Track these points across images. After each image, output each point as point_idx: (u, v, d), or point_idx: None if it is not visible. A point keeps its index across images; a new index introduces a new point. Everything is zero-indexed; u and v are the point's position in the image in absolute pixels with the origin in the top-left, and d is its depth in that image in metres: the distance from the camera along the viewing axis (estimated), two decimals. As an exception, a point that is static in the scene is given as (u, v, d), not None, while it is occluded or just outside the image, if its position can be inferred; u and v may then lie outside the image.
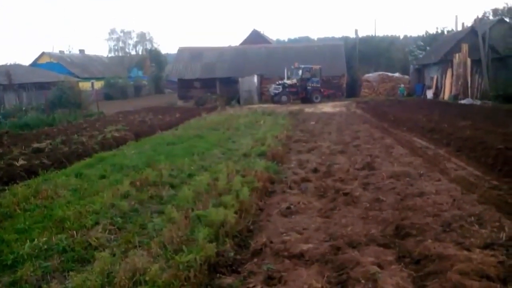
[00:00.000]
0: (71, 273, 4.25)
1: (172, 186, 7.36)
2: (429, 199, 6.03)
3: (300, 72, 29.65)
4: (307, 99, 29.45)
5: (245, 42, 48.53)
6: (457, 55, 26.32)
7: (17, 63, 41.55)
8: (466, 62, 25.68)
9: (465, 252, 4.21)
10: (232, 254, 4.55)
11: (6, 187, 7.74)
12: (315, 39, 63.43)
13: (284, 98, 28.68)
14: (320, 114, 21.47)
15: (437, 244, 4.43)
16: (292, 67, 30.63)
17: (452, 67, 27.03)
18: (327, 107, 25.65)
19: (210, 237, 4.68)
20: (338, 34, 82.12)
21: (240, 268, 4.34)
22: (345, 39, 50.15)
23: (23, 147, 12.06)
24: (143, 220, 5.65)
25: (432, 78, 31.15)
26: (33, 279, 4.19)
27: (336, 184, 7.16)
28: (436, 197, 6.14)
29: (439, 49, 31.87)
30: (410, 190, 6.61)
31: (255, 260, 4.46)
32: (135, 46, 63.42)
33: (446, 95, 27.53)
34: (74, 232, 5.24)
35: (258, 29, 54.07)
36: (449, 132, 11.71)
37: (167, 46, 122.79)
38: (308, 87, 29.60)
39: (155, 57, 58.25)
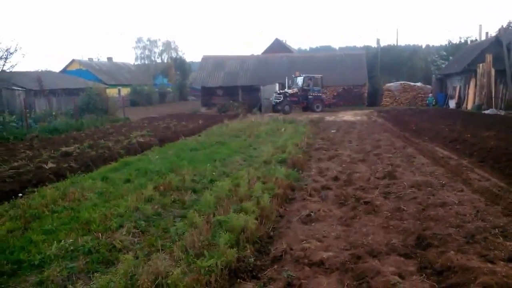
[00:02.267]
0: (95, 274, 4.33)
1: (194, 191, 7.47)
2: (451, 210, 5.96)
3: (301, 81, 29.29)
4: (308, 108, 29.14)
5: (268, 51, 48.79)
6: (481, 65, 25.87)
7: (48, 69, 43.14)
8: (490, 72, 25.21)
9: (489, 265, 4.14)
10: (252, 260, 4.58)
11: (36, 189, 7.97)
12: (337, 48, 63.28)
13: (286, 107, 28.14)
14: (341, 122, 21.38)
15: (460, 255, 4.36)
16: (293, 76, 30.38)
17: (475, 77, 26.57)
18: (348, 116, 25.50)
19: (231, 243, 4.73)
20: (359, 44, 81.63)
21: (260, 274, 4.37)
22: (367, 48, 49.81)
23: (52, 150, 12.45)
24: (166, 224, 5.76)
25: (455, 88, 30.63)
26: (59, 280, 4.28)
27: (356, 193, 7.14)
28: (459, 207, 6.06)
29: (463, 58, 31.31)
30: (432, 200, 6.54)
31: (275, 266, 4.50)
32: (160, 54, 64.54)
33: (469, 105, 27.04)
34: (100, 234, 5.36)
35: (280, 38, 54.26)
36: (472, 142, 11.51)
37: (192, 54, 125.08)
38: (310, 96, 29.20)
39: (179, 65, 59.22)
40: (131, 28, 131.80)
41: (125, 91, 47.15)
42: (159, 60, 63.85)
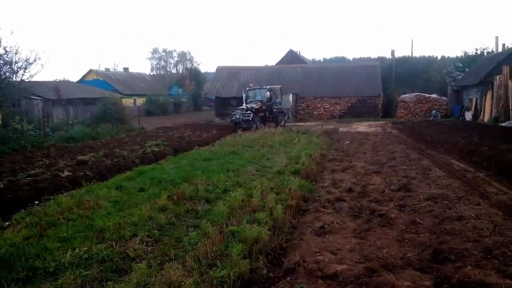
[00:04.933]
0: (109, 283, 4.34)
1: (208, 201, 7.47)
2: (468, 224, 5.84)
3: (268, 93, 26.17)
4: (273, 122, 25.81)
5: (281, 62, 49.08)
6: (497, 77, 25.59)
7: (66, 79, 44.08)
8: (507, 84, 24.82)
9: (508, 281, 4.06)
10: (265, 271, 4.56)
11: (52, 197, 8.11)
12: (351, 59, 62.91)
13: (258, 123, 24.68)
14: (355, 133, 21.28)
15: (477, 271, 4.27)
16: (247, 88, 27.78)
17: (492, 89, 26.28)
18: (362, 127, 25.38)
19: (244, 253, 4.72)
20: (374, 55, 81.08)
21: (273, 286, 4.33)
22: (381, 59, 49.73)
23: (69, 159, 12.63)
24: (179, 234, 5.76)
25: (471, 100, 30.32)
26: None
27: (371, 205, 7.05)
28: (476, 221, 5.93)
29: (479, 70, 31.00)
30: (448, 213, 6.43)
31: (288, 278, 4.45)
32: (176, 65, 65.55)
33: (486, 117, 26.68)
34: (113, 242, 5.38)
35: (294, 49, 54.57)
36: (489, 155, 11.30)
37: (206, 65, 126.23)
38: (274, 110, 26.72)
39: (194, 76, 59.98)
40: (147, 39, 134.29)
41: (140, 101, 47.88)
42: (174, 71, 64.82)
